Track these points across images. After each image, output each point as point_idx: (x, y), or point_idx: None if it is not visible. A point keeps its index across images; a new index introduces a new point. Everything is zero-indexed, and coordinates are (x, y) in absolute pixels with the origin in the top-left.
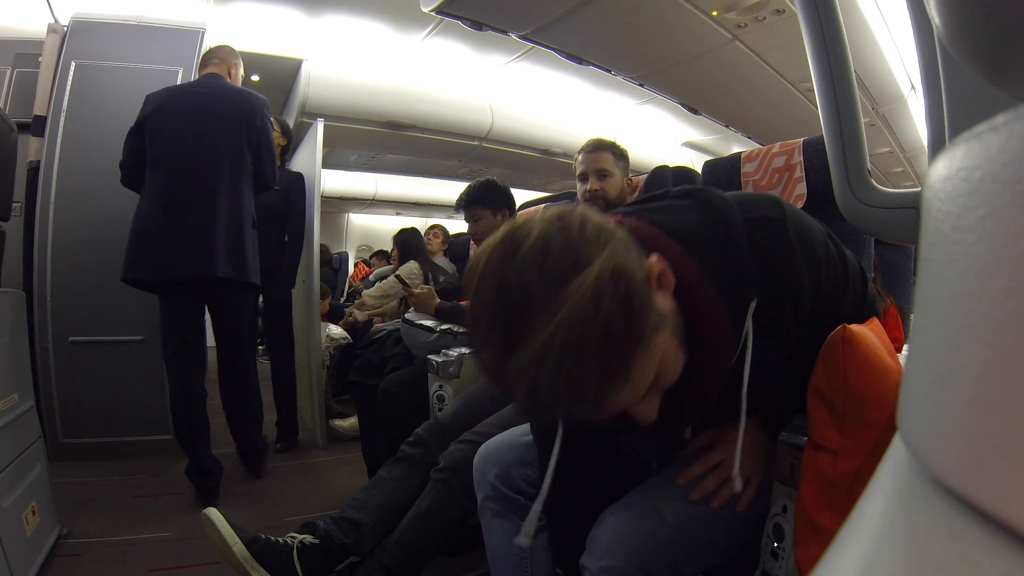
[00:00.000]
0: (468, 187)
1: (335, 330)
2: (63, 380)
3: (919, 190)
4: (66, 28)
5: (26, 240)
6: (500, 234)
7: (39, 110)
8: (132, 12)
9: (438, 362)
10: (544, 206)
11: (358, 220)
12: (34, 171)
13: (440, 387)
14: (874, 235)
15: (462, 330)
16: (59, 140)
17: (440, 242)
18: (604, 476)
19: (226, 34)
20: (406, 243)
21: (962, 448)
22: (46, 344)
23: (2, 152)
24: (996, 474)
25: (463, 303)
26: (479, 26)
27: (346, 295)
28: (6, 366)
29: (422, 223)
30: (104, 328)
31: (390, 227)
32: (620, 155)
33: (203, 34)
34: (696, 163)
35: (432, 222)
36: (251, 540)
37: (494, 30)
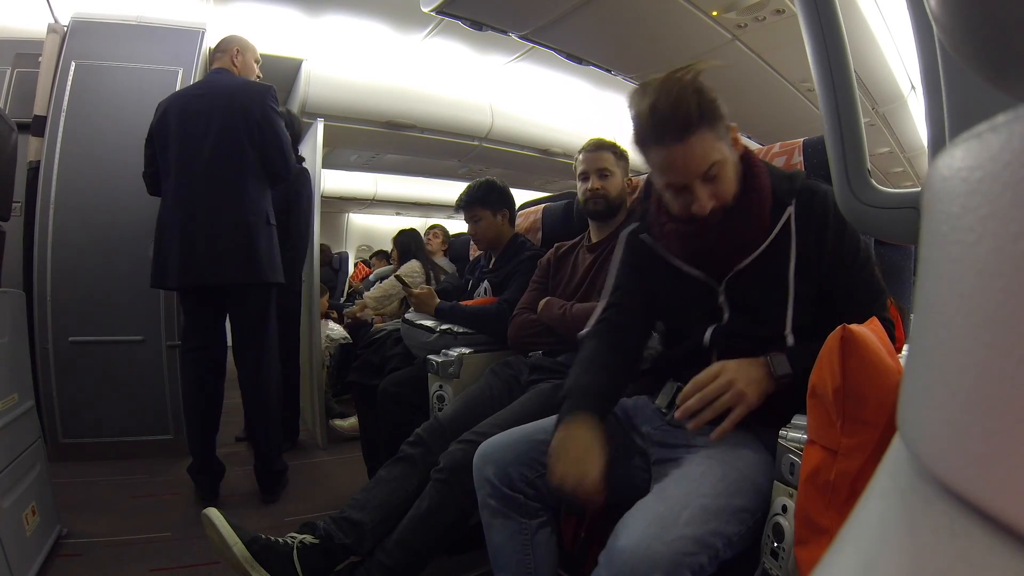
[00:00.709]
0: (468, 187)
1: (335, 330)
2: (63, 380)
3: (919, 190)
4: (66, 28)
5: (26, 240)
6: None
7: (39, 110)
8: (132, 12)
9: (438, 362)
10: (544, 206)
11: (358, 220)
12: (34, 171)
13: (440, 387)
14: (874, 235)
15: (462, 330)
16: (59, 140)
17: (440, 242)
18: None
19: (226, 34)
20: (404, 244)
21: (962, 448)
22: (46, 344)
23: (2, 152)
24: (996, 474)
25: (464, 302)
26: (479, 26)
27: (346, 295)
28: (6, 366)
29: (422, 223)
30: (104, 328)
31: (390, 227)
32: (621, 155)
33: (203, 34)
34: None
35: (432, 222)
36: (251, 540)
37: (494, 30)
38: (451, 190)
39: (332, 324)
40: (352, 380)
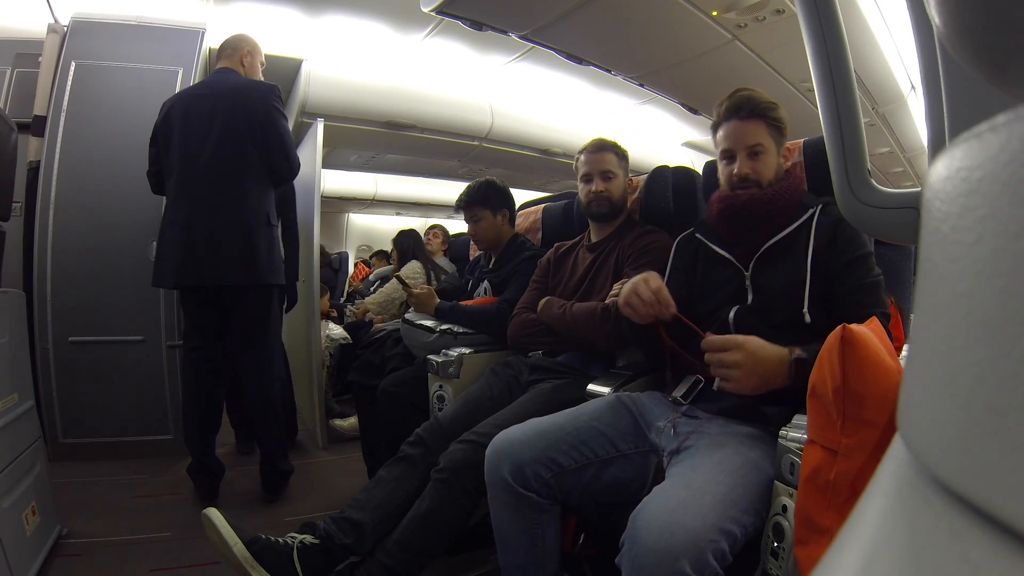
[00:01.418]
0: (468, 187)
1: (335, 330)
2: (63, 380)
3: (919, 190)
4: (66, 28)
5: (26, 240)
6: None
7: (39, 110)
8: (132, 12)
9: (438, 362)
10: (544, 206)
11: (358, 220)
12: (34, 171)
13: (440, 387)
14: (874, 235)
15: (462, 330)
16: (59, 140)
17: (440, 242)
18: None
19: (226, 34)
20: (404, 245)
21: (962, 448)
22: (46, 344)
23: (2, 152)
24: (996, 474)
25: (464, 302)
26: (479, 26)
27: (346, 295)
28: (6, 366)
29: (422, 223)
30: (104, 328)
31: (390, 227)
32: (622, 156)
33: (203, 34)
34: (696, 163)
35: (432, 222)
36: (251, 540)
37: (494, 30)
38: (451, 190)
39: (332, 324)
40: (352, 380)
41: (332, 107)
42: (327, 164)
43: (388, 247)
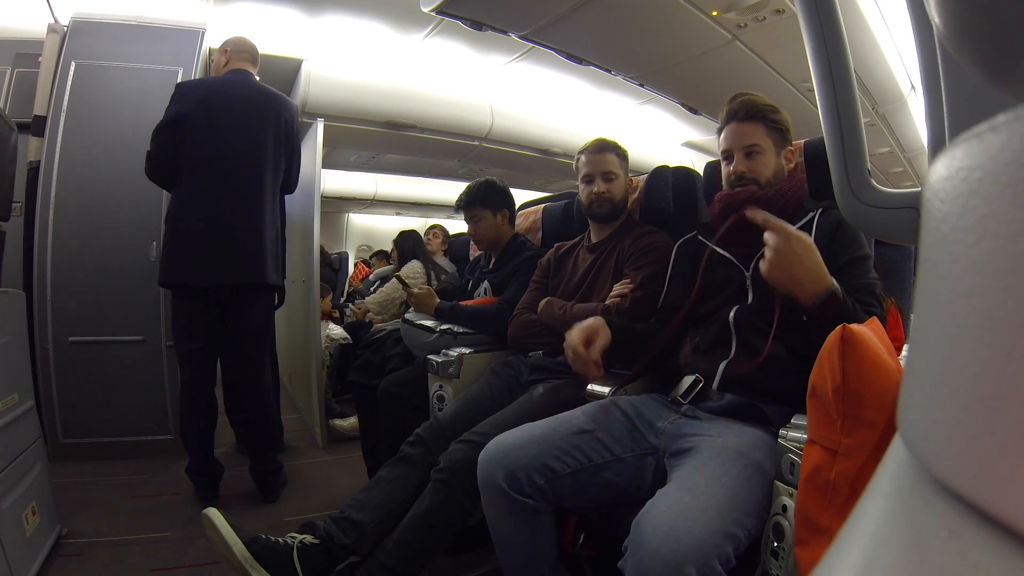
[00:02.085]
0: (468, 187)
1: (335, 330)
2: (63, 380)
3: (919, 190)
4: (66, 28)
5: (26, 240)
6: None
7: (39, 110)
8: (132, 12)
9: (438, 362)
10: (544, 206)
11: (358, 220)
12: (34, 171)
13: (440, 387)
14: (874, 235)
15: (462, 330)
16: (59, 140)
17: (440, 242)
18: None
19: (226, 34)
20: (404, 246)
21: (962, 448)
22: (46, 344)
23: (2, 152)
24: (996, 474)
25: (464, 303)
26: (479, 26)
27: (346, 295)
28: (6, 366)
29: (422, 223)
30: (104, 328)
31: (390, 227)
32: (623, 156)
33: (203, 34)
34: (696, 163)
35: (432, 222)
36: (251, 540)
37: (494, 30)
38: (451, 190)
39: (332, 324)
40: (352, 380)
41: (332, 107)
42: (327, 164)
43: (388, 247)
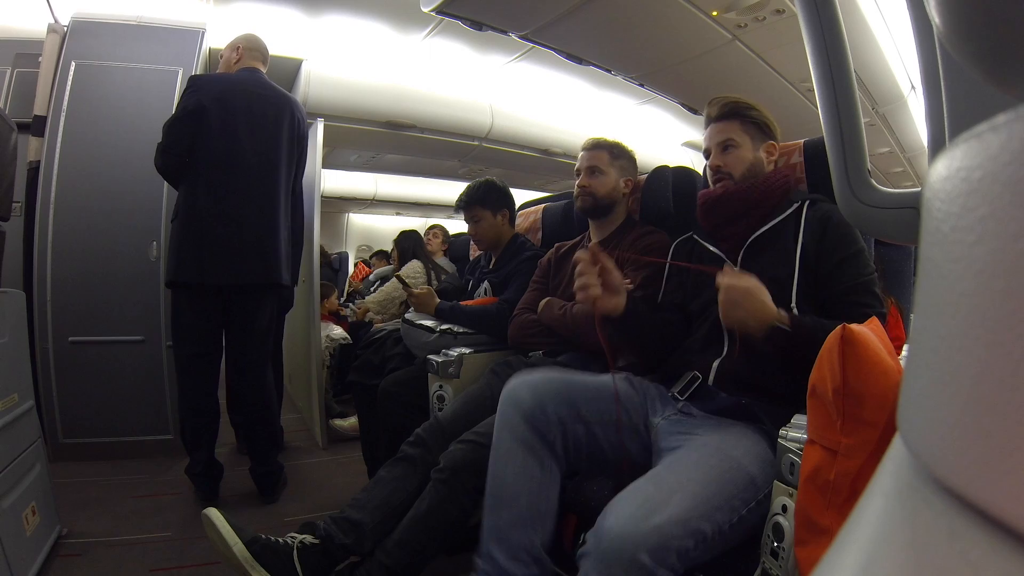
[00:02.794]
0: (468, 187)
1: (335, 330)
2: (63, 380)
3: (919, 190)
4: (66, 28)
5: (26, 240)
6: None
7: (39, 110)
8: (132, 12)
9: (438, 362)
10: (544, 206)
11: (358, 220)
12: (34, 171)
13: (440, 387)
14: (874, 235)
15: (462, 330)
16: (59, 140)
17: (440, 242)
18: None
19: (226, 34)
20: (404, 246)
21: (962, 448)
22: (46, 344)
23: (2, 152)
24: (996, 474)
25: (464, 303)
26: (479, 26)
27: (346, 295)
28: (6, 366)
29: (422, 223)
30: (104, 328)
31: (390, 227)
32: (618, 154)
33: (203, 34)
34: (696, 163)
35: (432, 222)
36: (251, 540)
37: (494, 30)
38: (451, 190)
39: (331, 324)
40: (352, 380)
41: (332, 107)
42: (327, 164)
43: (388, 247)
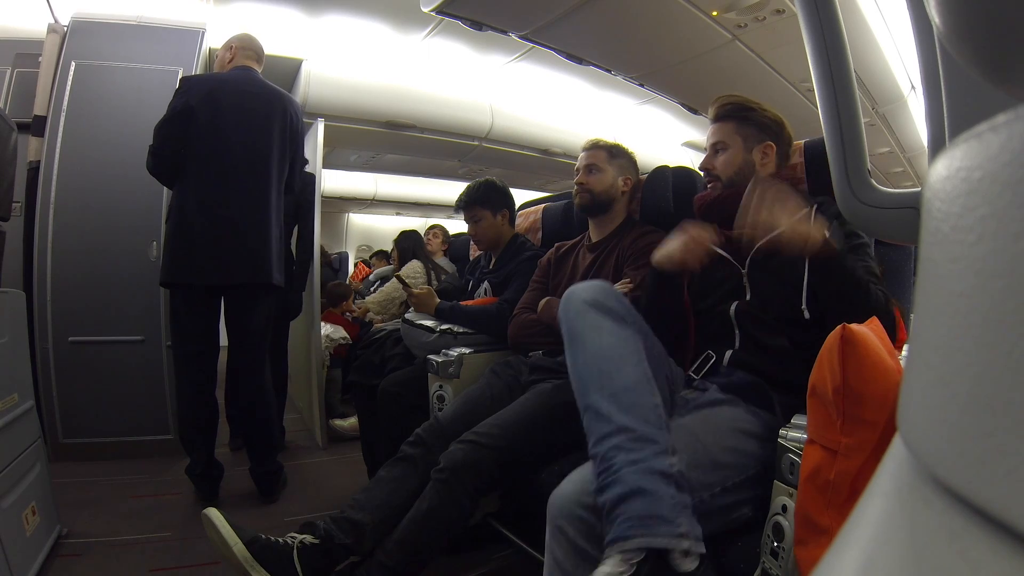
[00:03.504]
0: (468, 188)
1: (336, 330)
2: (63, 380)
3: (919, 190)
4: (66, 28)
5: (26, 240)
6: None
7: (39, 110)
8: (132, 12)
9: (438, 362)
10: (544, 206)
11: (358, 220)
12: (34, 171)
13: (440, 387)
14: (874, 235)
15: (462, 330)
16: (59, 140)
17: (440, 242)
18: None
19: (226, 34)
20: (403, 246)
21: (962, 448)
22: (46, 344)
23: (2, 152)
24: (996, 474)
25: (464, 303)
26: (479, 26)
27: None
28: (6, 366)
29: (422, 223)
30: (104, 328)
31: (390, 227)
32: (616, 154)
33: (203, 34)
34: (696, 163)
35: (432, 222)
36: (251, 540)
37: (494, 30)
38: (451, 190)
39: (336, 325)
40: (352, 380)
41: (332, 107)
42: (327, 164)
43: (388, 247)
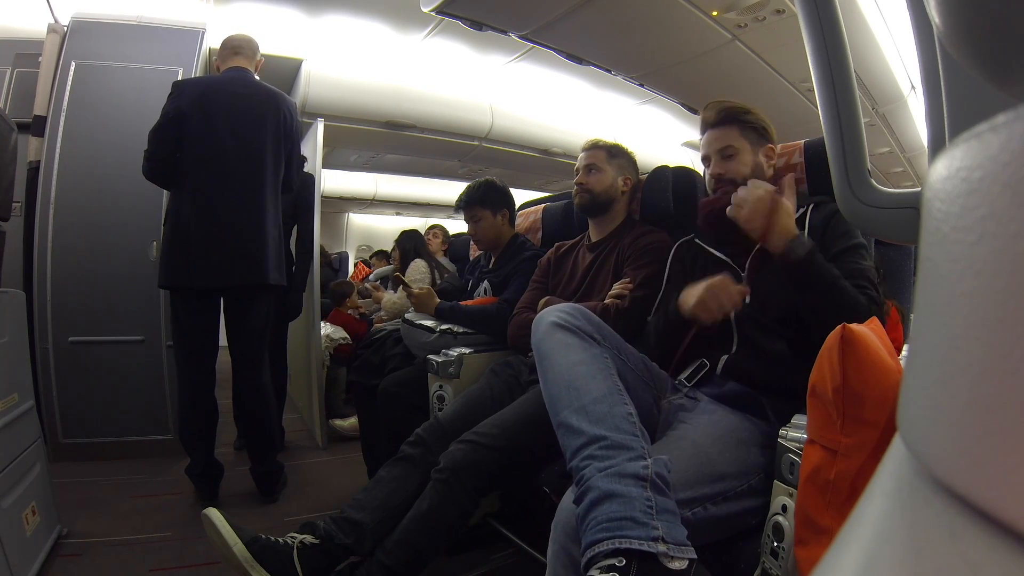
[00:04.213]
0: (468, 187)
1: (336, 330)
2: (63, 380)
3: (919, 190)
4: (66, 28)
5: (26, 240)
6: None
7: (39, 110)
8: (132, 12)
9: (438, 362)
10: (544, 206)
11: (358, 220)
12: (34, 171)
13: (440, 387)
14: (874, 235)
15: (462, 330)
16: (59, 140)
17: (440, 242)
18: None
19: (226, 34)
20: (405, 246)
21: (962, 448)
22: (46, 344)
23: (2, 152)
24: (996, 474)
25: (464, 303)
26: (479, 26)
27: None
28: (6, 366)
29: (422, 223)
30: (104, 328)
31: (390, 227)
32: (616, 154)
33: (203, 34)
34: (696, 163)
35: (432, 222)
36: (251, 540)
37: (494, 30)
38: (451, 190)
39: (330, 324)
40: (352, 380)
41: (332, 107)
42: (327, 164)
43: (388, 247)
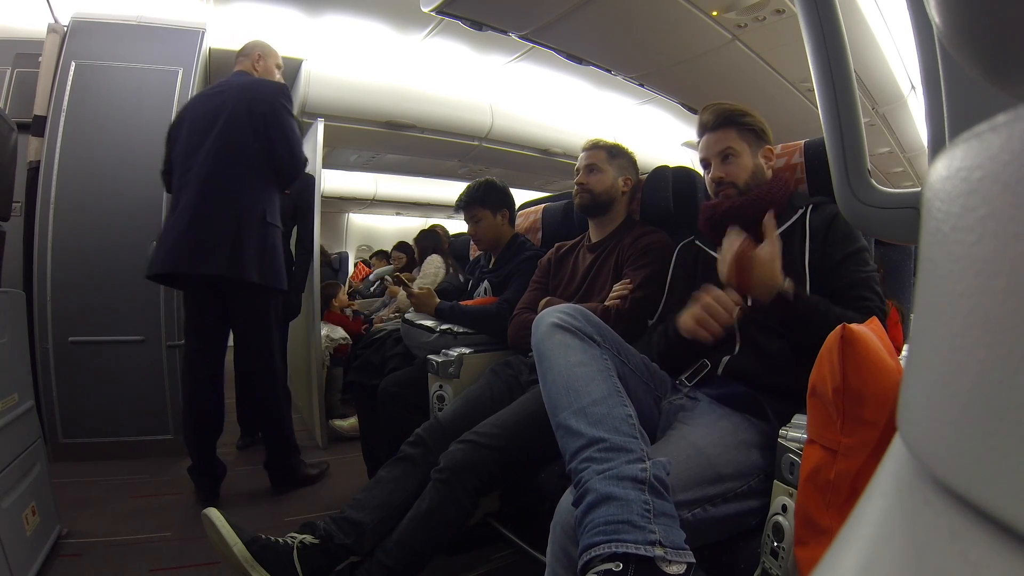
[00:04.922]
0: (467, 187)
1: (336, 330)
2: (63, 380)
3: (919, 190)
4: (66, 28)
5: (26, 240)
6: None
7: (39, 110)
8: (132, 12)
9: (438, 362)
10: (544, 206)
11: (358, 220)
12: (34, 171)
13: (440, 387)
14: (874, 235)
15: (462, 330)
16: (59, 140)
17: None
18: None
19: (226, 34)
20: (423, 244)
21: (962, 448)
22: (46, 344)
23: (2, 152)
24: (996, 474)
25: (464, 303)
26: (479, 26)
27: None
28: (6, 366)
29: (422, 223)
30: (104, 328)
31: (390, 227)
32: (616, 154)
33: (203, 34)
34: (696, 163)
35: (432, 222)
36: (251, 540)
37: (494, 30)
38: (451, 190)
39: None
40: (352, 380)
41: (332, 107)
42: (327, 164)
43: (388, 247)
